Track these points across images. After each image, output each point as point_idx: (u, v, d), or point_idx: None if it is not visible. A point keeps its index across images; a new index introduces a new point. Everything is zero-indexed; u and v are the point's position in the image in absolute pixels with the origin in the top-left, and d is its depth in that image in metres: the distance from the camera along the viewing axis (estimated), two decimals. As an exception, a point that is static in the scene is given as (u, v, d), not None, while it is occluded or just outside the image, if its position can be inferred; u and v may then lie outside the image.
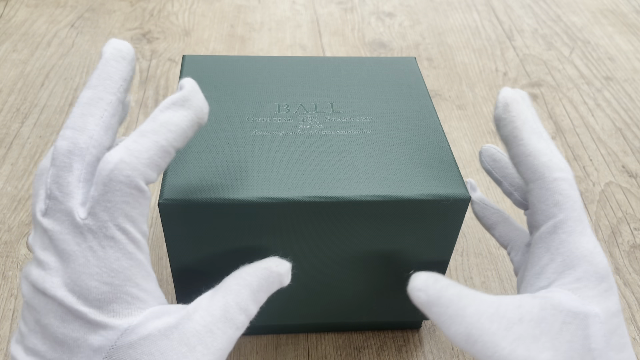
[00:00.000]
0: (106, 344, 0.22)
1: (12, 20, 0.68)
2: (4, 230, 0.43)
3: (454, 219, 0.30)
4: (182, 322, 0.24)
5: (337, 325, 0.38)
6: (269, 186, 0.29)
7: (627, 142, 0.56)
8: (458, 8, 0.77)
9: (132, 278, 0.23)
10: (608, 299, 0.26)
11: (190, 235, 0.29)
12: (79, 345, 0.22)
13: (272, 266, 0.27)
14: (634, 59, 0.68)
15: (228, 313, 0.25)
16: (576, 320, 0.25)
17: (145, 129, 0.24)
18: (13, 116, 0.54)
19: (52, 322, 0.23)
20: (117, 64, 0.26)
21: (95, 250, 0.23)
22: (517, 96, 0.29)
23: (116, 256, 0.23)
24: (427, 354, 0.37)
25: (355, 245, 0.31)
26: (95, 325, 0.23)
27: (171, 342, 0.23)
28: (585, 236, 0.27)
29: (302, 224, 0.30)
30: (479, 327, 0.24)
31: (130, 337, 0.23)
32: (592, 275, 0.26)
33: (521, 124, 0.28)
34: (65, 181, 0.23)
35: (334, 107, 0.35)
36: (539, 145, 0.28)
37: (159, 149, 0.24)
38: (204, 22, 0.71)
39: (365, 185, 0.29)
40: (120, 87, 0.25)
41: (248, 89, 0.36)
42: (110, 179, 0.23)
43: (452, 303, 0.25)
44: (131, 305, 0.23)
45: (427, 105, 0.35)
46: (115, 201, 0.23)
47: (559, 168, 0.28)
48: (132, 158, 0.23)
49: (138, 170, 0.23)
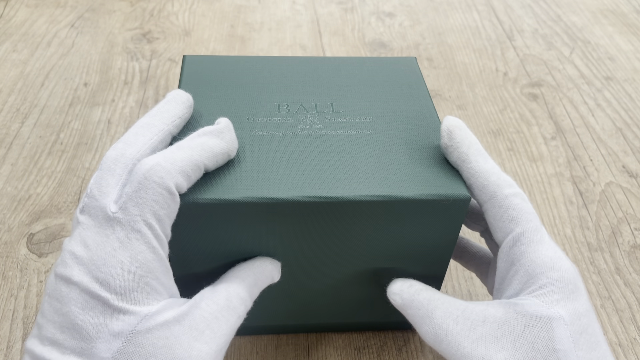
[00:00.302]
0: (126, 328, 0.24)
1: (12, 20, 0.68)
2: (4, 230, 0.43)
3: (454, 218, 0.30)
4: (191, 310, 0.26)
5: (336, 326, 0.38)
6: (269, 186, 0.29)
7: (627, 142, 0.56)
8: (458, 8, 0.77)
9: (153, 271, 0.25)
10: (575, 301, 0.27)
11: (190, 235, 0.29)
12: (99, 330, 0.23)
13: (266, 265, 0.30)
14: (634, 59, 0.68)
15: (230, 302, 0.27)
16: (539, 323, 0.26)
17: (181, 144, 0.27)
18: (13, 116, 0.54)
19: (72, 309, 0.24)
20: (176, 104, 0.30)
21: (122, 241, 0.24)
22: (459, 123, 0.31)
23: (141, 248, 0.25)
24: (427, 354, 0.37)
25: (355, 245, 0.31)
26: (117, 311, 0.24)
27: (182, 328, 0.25)
28: (544, 244, 0.28)
29: (302, 224, 0.30)
30: (444, 327, 0.27)
31: (148, 323, 0.24)
32: (556, 280, 0.27)
33: (467, 149, 0.30)
34: (106, 182, 0.26)
35: (334, 107, 0.35)
36: (486, 166, 0.30)
37: (191, 162, 0.26)
38: (204, 22, 0.71)
39: (366, 185, 0.29)
40: (173, 122, 0.30)
41: (248, 89, 0.36)
42: (145, 177, 0.25)
43: (422, 306, 0.28)
44: (150, 296, 0.25)
45: (428, 105, 0.35)
46: (147, 198, 0.25)
47: (508, 184, 0.29)
48: (167, 163, 0.26)
49: (171, 174, 0.25)
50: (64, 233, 0.43)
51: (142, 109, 0.56)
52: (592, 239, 0.45)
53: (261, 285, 0.30)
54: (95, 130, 0.53)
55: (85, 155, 0.50)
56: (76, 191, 0.47)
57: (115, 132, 0.53)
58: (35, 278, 0.40)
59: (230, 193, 0.28)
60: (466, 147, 0.30)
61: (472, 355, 0.26)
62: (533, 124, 0.57)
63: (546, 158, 0.53)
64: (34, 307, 0.38)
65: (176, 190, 0.26)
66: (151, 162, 0.25)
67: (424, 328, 0.28)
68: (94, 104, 0.56)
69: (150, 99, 0.57)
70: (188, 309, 0.25)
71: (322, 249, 0.31)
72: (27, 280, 0.40)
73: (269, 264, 0.30)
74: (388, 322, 0.38)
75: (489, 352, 0.26)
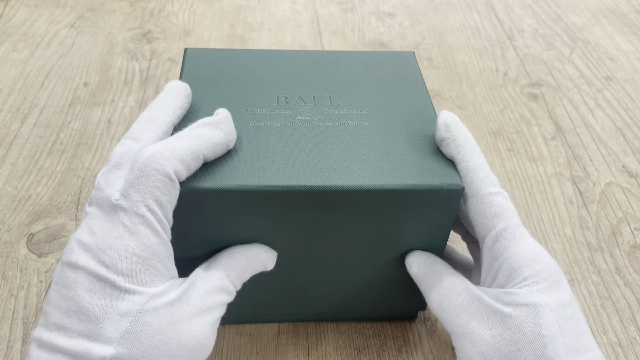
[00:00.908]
0: (134, 308, 0.24)
1: (12, 20, 0.68)
2: (4, 230, 0.43)
3: (448, 208, 0.31)
4: (189, 289, 0.27)
5: (332, 315, 0.38)
6: (266, 175, 0.29)
7: (627, 142, 0.56)
8: (458, 8, 0.77)
9: (158, 254, 0.26)
10: (559, 291, 0.28)
11: (188, 223, 0.30)
12: (106, 311, 0.24)
13: (261, 252, 0.31)
14: (634, 59, 0.68)
15: (222, 282, 0.29)
16: (526, 309, 0.27)
17: (181, 134, 0.28)
18: (13, 116, 0.54)
19: (79, 293, 0.24)
20: (175, 95, 0.31)
21: (127, 226, 0.25)
22: (455, 117, 0.32)
23: (146, 232, 0.25)
24: (427, 354, 0.37)
25: (350, 235, 0.32)
26: (124, 292, 0.25)
27: (183, 305, 0.26)
28: (526, 239, 0.30)
29: (298, 213, 0.30)
30: (448, 297, 0.30)
31: (155, 302, 0.25)
32: (540, 272, 0.28)
33: (463, 142, 0.31)
34: (113, 175, 0.27)
35: (332, 99, 0.35)
36: (479, 161, 0.31)
37: (190, 151, 0.27)
38: (204, 22, 0.71)
39: (361, 174, 0.30)
40: (174, 112, 0.31)
41: (248, 82, 0.36)
42: (146, 165, 0.26)
43: (433, 275, 0.31)
44: (155, 278, 0.26)
45: (424, 98, 0.36)
46: (148, 185, 0.26)
47: (493, 183, 0.30)
48: (167, 151, 0.26)
49: (171, 161, 0.26)
50: (64, 233, 0.43)
51: (142, 109, 0.56)
52: (592, 239, 0.45)
53: (252, 270, 0.31)
54: (95, 130, 0.53)
55: (85, 155, 0.50)
56: (76, 191, 0.47)
57: (115, 132, 0.53)
58: (35, 278, 0.40)
59: (228, 181, 0.29)
60: (463, 141, 0.31)
61: (467, 327, 0.28)
62: (533, 124, 0.57)
63: (546, 158, 0.53)
64: (34, 307, 0.38)
65: (176, 177, 0.27)
66: (151, 151, 0.26)
67: (431, 295, 0.31)
68: (94, 104, 0.56)
69: (150, 99, 0.57)
70: (186, 288, 0.27)
71: (318, 237, 0.32)
72: (27, 280, 0.40)
73: (264, 252, 0.31)
74: (383, 312, 0.38)
75: (481, 327, 0.28)
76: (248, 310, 0.36)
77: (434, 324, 0.39)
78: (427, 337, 0.38)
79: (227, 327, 0.38)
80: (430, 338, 0.38)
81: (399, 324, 0.39)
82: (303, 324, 0.38)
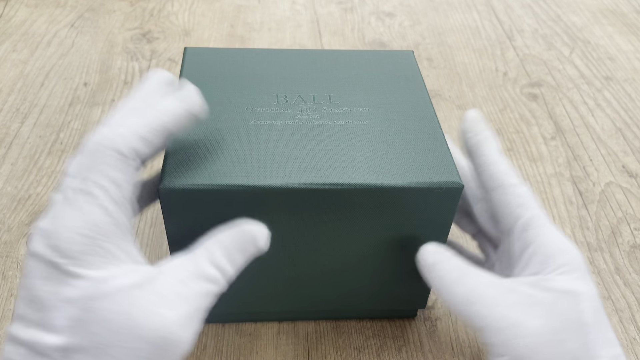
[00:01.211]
0: (81, 294, 0.23)
1: (12, 20, 0.68)
2: (4, 230, 0.43)
3: (447, 206, 0.31)
4: (156, 276, 0.25)
5: (331, 314, 0.38)
6: (266, 173, 0.29)
7: (627, 142, 0.56)
8: (458, 8, 0.77)
9: (108, 234, 0.24)
10: (589, 282, 0.28)
11: (188, 221, 0.30)
12: (54, 299, 0.23)
13: (244, 225, 0.28)
14: (634, 59, 0.68)
15: (200, 267, 0.26)
16: (568, 297, 0.27)
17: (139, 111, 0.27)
18: (13, 116, 0.54)
19: (35, 282, 0.23)
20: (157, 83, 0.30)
21: (72, 204, 0.24)
22: (481, 117, 0.33)
23: (93, 210, 0.24)
24: (427, 354, 0.37)
25: (350, 232, 0.32)
26: (69, 276, 0.23)
27: (143, 293, 0.24)
28: (554, 228, 0.30)
29: (298, 211, 0.30)
30: (479, 291, 0.27)
31: (105, 288, 0.23)
32: (571, 261, 0.29)
33: (484, 138, 0.32)
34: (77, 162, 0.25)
35: (332, 98, 0.35)
36: (499, 157, 0.32)
37: (147, 125, 0.26)
38: (204, 22, 0.71)
39: (361, 173, 0.30)
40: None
41: (248, 80, 0.36)
42: (96, 142, 0.25)
43: (454, 269, 0.29)
44: (106, 260, 0.24)
45: (423, 97, 0.36)
46: (97, 162, 0.25)
47: (517, 175, 0.31)
48: (120, 128, 0.25)
49: (123, 137, 0.25)
50: (63, 233, 0.43)
51: (142, 108, 0.56)
52: (592, 239, 0.45)
53: (242, 249, 0.27)
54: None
55: (85, 155, 0.50)
56: (76, 191, 0.47)
57: (115, 132, 0.53)
58: (35, 278, 0.40)
59: (228, 180, 0.29)
60: (484, 137, 0.32)
61: (509, 317, 0.26)
62: (533, 124, 0.57)
63: (546, 158, 0.53)
64: (33, 307, 0.38)
65: (132, 154, 0.25)
66: (105, 130, 0.25)
67: (455, 289, 0.28)
68: (93, 103, 0.56)
69: (150, 99, 0.57)
70: (152, 274, 0.25)
71: (318, 235, 0.32)
72: (27, 280, 0.40)
73: (248, 225, 0.28)
74: (383, 309, 0.38)
75: (525, 317, 0.26)
76: (248, 308, 0.36)
77: (434, 324, 0.39)
78: (427, 337, 0.38)
79: (227, 326, 0.38)
80: (430, 338, 0.38)
81: (399, 323, 0.39)
82: (303, 323, 0.38)
